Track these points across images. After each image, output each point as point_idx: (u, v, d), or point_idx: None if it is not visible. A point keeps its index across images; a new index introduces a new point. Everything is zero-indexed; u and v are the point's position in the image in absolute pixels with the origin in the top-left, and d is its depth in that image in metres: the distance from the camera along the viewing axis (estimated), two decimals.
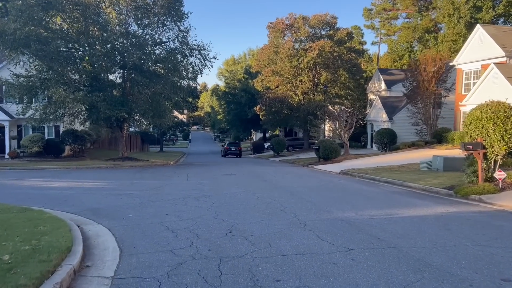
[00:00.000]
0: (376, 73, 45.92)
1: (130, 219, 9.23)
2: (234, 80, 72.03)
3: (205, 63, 28.61)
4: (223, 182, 16.88)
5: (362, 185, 15.80)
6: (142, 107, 27.51)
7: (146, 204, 11.33)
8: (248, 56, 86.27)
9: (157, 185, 16.00)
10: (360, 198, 11.83)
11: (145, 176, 19.75)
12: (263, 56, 46.04)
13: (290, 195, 12.59)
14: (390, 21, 74.61)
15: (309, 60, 41.06)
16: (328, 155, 27.57)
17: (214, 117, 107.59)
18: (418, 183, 14.85)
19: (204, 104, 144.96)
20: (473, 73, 29.68)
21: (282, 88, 44.85)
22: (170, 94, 28.15)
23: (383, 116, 39.90)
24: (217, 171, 22.58)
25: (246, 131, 73.98)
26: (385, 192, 13.52)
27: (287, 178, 18.65)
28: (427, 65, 31.64)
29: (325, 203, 10.78)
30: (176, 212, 9.91)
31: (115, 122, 28.10)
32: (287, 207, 10.25)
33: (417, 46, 66.21)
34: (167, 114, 29.65)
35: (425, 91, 31.80)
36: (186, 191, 14.05)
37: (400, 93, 42.55)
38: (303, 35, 43.72)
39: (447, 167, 17.97)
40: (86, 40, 26.29)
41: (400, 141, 35.36)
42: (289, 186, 15.10)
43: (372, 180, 17.65)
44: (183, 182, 17.00)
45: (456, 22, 53.29)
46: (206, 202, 11.39)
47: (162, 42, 28.50)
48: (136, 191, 14.29)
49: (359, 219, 8.59)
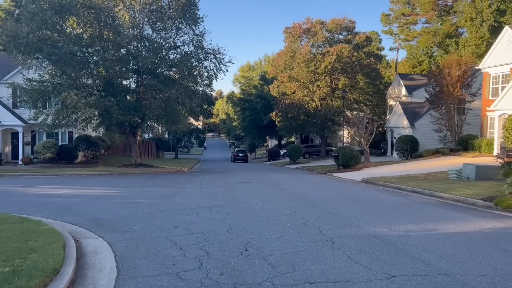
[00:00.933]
0: (396, 78, 44.54)
1: (135, 232, 8.30)
2: (250, 86, 71.36)
3: (220, 67, 27.81)
4: (237, 190, 15.89)
5: (389, 195, 14.61)
6: (156, 112, 26.78)
7: (154, 215, 10.41)
8: (264, 63, 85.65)
9: (168, 193, 15.10)
10: (389, 210, 10.68)
11: (157, 184, 18.89)
12: (279, 61, 45.14)
13: (311, 205, 11.52)
14: (409, 26, 73.00)
15: (326, 65, 39.98)
16: (348, 162, 26.37)
17: (229, 124, 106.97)
18: (450, 193, 13.61)
19: (219, 111, 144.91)
20: (501, 77, 28.19)
21: (299, 94, 43.80)
22: (184, 99, 27.37)
23: (404, 123, 38.48)
24: (231, 179, 21.62)
25: (261, 138, 73.01)
26: (416, 203, 12.33)
27: (306, 186, 17.57)
28: (452, 69, 30.24)
29: (352, 216, 9.69)
30: (186, 224, 8.95)
31: (128, 127, 27.43)
32: (309, 220, 9.19)
33: (437, 52, 64.51)
34: (181, 120, 28.86)
35: (450, 96, 30.38)
36: (198, 200, 13.10)
37: (422, 98, 41.11)
38: (320, 39, 42.70)
39: (479, 176, 16.65)
40: (100, 44, 25.76)
41: (422, 148, 33.95)
42: (309, 195, 14.03)
43: (398, 190, 16.44)
44: (196, 190, 16.07)
45: (478, 26, 51.65)
46: (220, 213, 10.41)
47: (176, 46, 27.83)
48: (146, 199, 13.41)
49: (394, 235, 7.48)
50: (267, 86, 60.16)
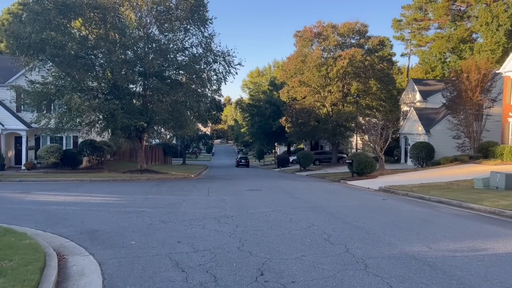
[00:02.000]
0: (410, 84, 43.23)
1: (132, 248, 7.19)
2: (259, 92, 70.38)
3: (229, 70, 26.78)
4: (247, 199, 14.74)
5: (413, 205, 13.37)
6: (162, 117, 25.78)
7: (156, 226, 9.31)
8: (273, 68, 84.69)
9: (173, 201, 14.00)
10: (420, 224, 9.46)
11: (162, 191, 17.81)
12: (290, 65, 44.07)
13: (331, 217, 10.34)
14: (421, 31, 71.65)
15: (338, 69, 38.83)
16: (363, 169, 25.11)
17: (237, 130, 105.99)
18: (483, 204, 12.34)
19: (227, 118, 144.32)
20: None
21: (310, 99, 42.66)
22: (192, 103, 26.36)
23: (418, 129, 37.13)
24: (240, 186, 20.48)
25: (270, 144, 71.82)
26: (447, 215, 11.09)
27: (321, 195, 16.36)
28: (471, 73, 28.91)
29: (380, 231, 8.49)
30: (190, 239, 7.83)
31: (134, 132, 26.45)
32: (332, 235, 8.01)
33: (450, 57, 63.06)
34: (189, 125, 27.82)
35: (468, 101, 29.03)
36: (205, 209, 11.98)
37: (437, 104, 39.77)
38: (332, 43, 41.60)
39: (510, 185, 15.34)
40: (105, 45, 24.89)
41: (438, 156, 32.60)
42: (326, 205, 12.83)
43: (421, 199, 15.19)
44: (203, 198, 14.95)
45: (494, 30, 50.24)
46: (229, 225, 9.28)
47: (184, 48, 26.87)
48: (149, 208, 12.32)
49: (438, 257, 6.28)
50: (276, 91, 59.13)
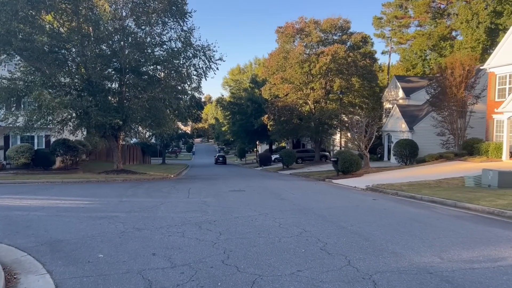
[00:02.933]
0: (392, 80, 42.95)
1: (98, 263, 6.15)
2: (240, 89, 69.36)
3: (210, 65, 25.66)
4: (231, 200, 13.77)
5: (407, 206, 12.64)
6: (139, 114, 24.54)
7: (129, 235, 8.27)
8: (254, 65, 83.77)
9: (150, 204, 12.92)
10: (421, 228, 8.67)
11: (138, 193, 16.67)
12: (272, 62, 43.18)
13: (323, 221, 9.47)
14: (401, 29, 71.86)
15: (321, 66, 38.14)
16: (348, 168, 24.44)
17: (218, 129, 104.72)
18: (480, 203, 11.69)
19: (208, 116, 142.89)
20: (509, 77, 26.59)
21: (292, 96, 41.88)
22: (171, 99, 25.17)
23: (402, 126, 36.80)
24: (223, 186, 19.49)
25: (252, 142, 70.93)
26: (445, 216, 10.37)
27: (308, 195, 15.52)
28: (455, 69, 28.59)
29: (380, 237, 7.66)
30: (167, 250, 6.84)
31: (109, 130, 25.13)
32: (328, 243, 7.13)
33: (430, 55, 63.31)
34: (168, 122, 26.59)
35: (453, 98, 28.70)
36: (185, 213, 10.97)
37: (420, 101, 39.54)
38: (314, 39, 40.88)
39: (503, 184, 14.80)
40: (78, 39, 23.50)
41: (422, 153, 32.29)
42: (315, 207, 11.97)
43: (412, 199, 14.50)
44: (182, 201, 13.91)
45: (474, 28, 50.45)
46: (211, 232, 8.31)
47: (162, 42, 25.64)
48: (123, 213, 11.23)
49: (455, 269, 5.45)
50: (258, 89, 58.23)
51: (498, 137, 27.25)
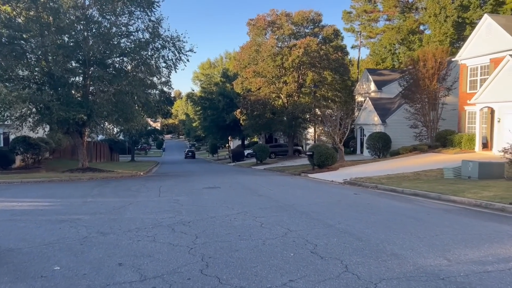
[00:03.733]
0: (364, 74, 42.90)
1: (53, 278, 5.20)
2: (211, 84, 68.01)
3: (180, 57, 24.52)
4: (206, 199, 12.89)
5: (390, 199, 12.12)
6: (105, 108, 23.17)
7: (92, 240, 7.31)
8: (225, 60, 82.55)
9: (117, 204, 11.89)
10: (413, 224, 8.09)
11: (105, 192, 15.53)
12: (243, 55, 42.27)
13: (307, 219, 8.77)
14: (370, 23, 72.41)
15: (294, 59, 37.55)
16: (324, 161, 23.96)
17: (189, 125, 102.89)
18: (465, 196, 11.29)
19: (178, 112, 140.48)
20: (480, 69, 26.75)
21: (265, 90, 41.14)
22: (139, 93, 23.91)
23: (374, 119, 36.76)
24: (196, 183, 18.55)
25: (224, 138, 69.88)
26: (433, 210, 9.86)
27: (287, 191, 14.82)
28: (427, 61, 28.56)
29: (372, 235, 7.00)
30: (136, 259, 5.94)
31: (73, 126, 23.66)
32: (317, 244, 6.41)
33: (399, 49, 63.99)
34: (136, 117, 25.29)
35: (426, 90, 28.68)
36: (156, 214, 10.04)
37: (392, 94, 39.65)
38: (286, 32, 40.22)
39: (483, 175, 14.55)
40: (38, 29, 21.91)
41: (395, 146, 32.31)
42: (296, 203, 11.27)
43: (394, 192, 14.04)
44: (153, 200, 12.92)
45: (442, 21, 51.13)
46: (186, 235, 7.45)
47: (129, 32, 24.30)
48: (87, 215, 10.20)
49: (468, 273, 4.81)
50: (229, 83, 57.19)
51: (470, 128, 27.43)
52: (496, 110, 23.38)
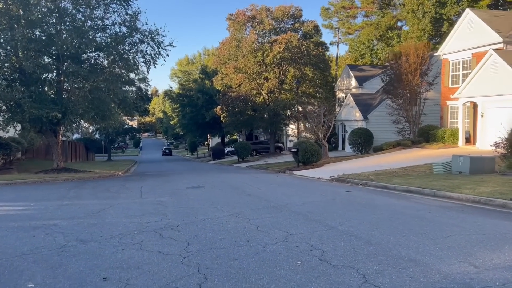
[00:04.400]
0: (345, 70, 42.73)
1: None
2: (189, 81, 66.84)
3: (159, 51, 23.59)
4: (192, 199, 12.18)
5: (384, 197, 11.69)
6: (81, 106, 22.06)
7: (71, 250, 6.55)
8: (204, 56, 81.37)
9: (97, 207, 11.06)
10: (418, 223, 7.61)
11: (82, 194, 14.61)
12: (223, 51, 41.45)
13: (306, 220, 8.19)
14: (349, 19, 72.58)
15: (275, 55, 36.99)
16: (309, 158, 23.49)
17: (166, 123, 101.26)
18: (462, 192, 10.93)
19: (155, 110, 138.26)
20: (462, 63, 26.79)
21: (246, 87, 40.45)
22: (116, 89, 22.87)
23: (356, 115, 36.61)
24: (179, 183, 17.78)
25: (203, 135, 68.83)
26: (433, 208, 9.44)
27: (276, 189, 14.23)
28: (410, 55, 28.44)
29: (382, 238, 6.48)
30: (123, 272, 5.24)
31: (46, 124, 22.47)
32: (324, 250, 5.83)
33: (377, 45, 64.28)
34: (113, 115, 24.22)
35: (408, 85, 28.58)
36: (140, 217, 9.29)
37: (373, 90, 39.62)
38: (267, 27, 39.62)
39: (474, 170, 14.31)
40: (7, 22, 20.64)
41: (377, 141, 32.24)
42: (289, 203, 10.70)
43: (385, 189, 13.64)
44: (135, 202, 12.13)
45: (420, 17, 51.50)
46: (176, 242, 6.77)
47: (105, 26, 23.19)
48: (64, 219, 9.37)
49: (505, 283, 4.30)
50: (208, 80, 56.30)
51: (453, 123, 27.48)
52: (479, 104, 23.40)
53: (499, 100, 21.85)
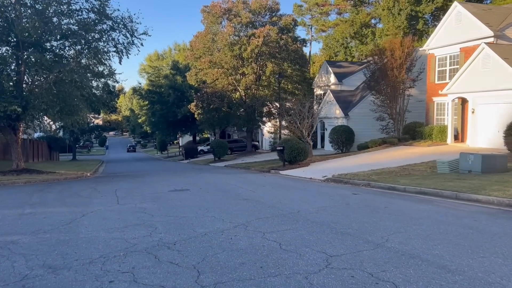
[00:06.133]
0: (323, 66, 41.61)
1: None
2: (159, 77, 64.21)
3: (132, 40, 21.51)
4: (180, 206, 10.40)
5: (402, 200, 10.31)
6: (44, 99, 19.70)
7: (36, 284, 4.76)
8: (174, 51, 78.65)
9: (66, 217, 9.15)
10: (480, 238, 6.23)
11: (47, 200, 12.52)
12: (198, 44, 39.42)
13: (336, 234, 6.63)
14: (322, 17, 71.90)
15: (253, 49, 35.37)
16: (296, 157, 22.07)
17: (134, 121, 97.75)
18: (491, 194, 9.71)
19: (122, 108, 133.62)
20: (449, 58, 26.05)
21: (222, 82, 38.61)
22: (83, 82, 20.60)
23: (336, 112, 35.52)
24: (158, 185, 15.89)
25: (174, 134, 66.42)
26: (474, 214, 8.11)
27: (273, 193, 12.62)
28: (395, 50, 27.49)
29: (455, 260, 5.02)
30: None
31: (4, 120, 20.00)
32: (397, 284, 4.29)
33: (351, 42, 63.79)
34: (81, 109, 21.92)
35: (393, 80, 27.62)
36: (123, 230, 7.50)
37: (352, 86, 38.70)
38: (244, 20, 37.90)
39: (486, 168, 13.21)
40: None
41: (359, 139, 31.29)
42: (301, 209, 9.12)
43: (394, 191, 12.31)
44: (112, 209, 10.24)
45: (396, 15, 51.16)
46: (181, 269, 5.07)
47: (71, 11, 20.85)
48: (25, 235, 7.49)
49: None
50: (180, 75, 54.04)
51: (439, 120, 26.75)
52: (469, 100, 22.65)
53: (491, 95, 21.12)
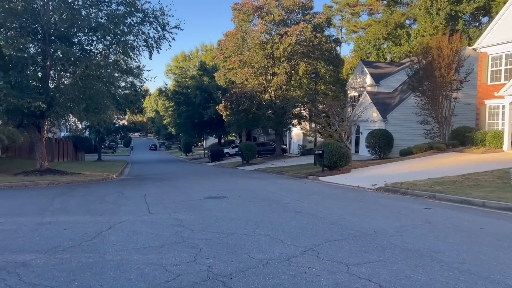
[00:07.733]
0: (358, 66, 39.60)
1: None
2: (186, 77, 63.20)
3: (163, 34, 20.13)
4: (221, 218, 8.79)
5: (490, 218, 8.47)
6: (70, 95, 18.53)
7: None
8: (201, 52, 77.71)
9: (90, 229, 7.67)
10: None
11: (70, 205, 11.13)
12: (228, 43, 38.02)
13: (451, 271, 4.90)
14: (353, 17, 69.79)
15: (285, 47, 33.69)
16: (337, 162, 20.24)
17: (159, 123, 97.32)
18: None
19: (147, 109, 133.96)
20: (505, 57, 23.76)
21: (252, 82, 37.05)
22: (112, 78, 19.37)
23: (373, 115, 33.47)
24: (190, 191, 14.36)
25: (199, 136, 65.25)
26: None
27: (328, 205, 10.88)
28: (443, 49, 25.33)
29: None
30: None
31: (28, 117, 18.93)
32: None
33: (384, 43, 61.37)
34: (108, 107, 20.68)
35: (440, 81, 25.44)
36: (158, 251, 5.94)
37: (390, 88, 36.57)
38: (276, 18, 36.22)
39: None
40: None
41: (397, 144, 29.28)
42: (377, 229, 7.36)
43: (470, 205, 10.42)
44: (143, 220, 8.71)
45: (434, 15, 48.67)
46: None
47: (100, 2, 19.60)
48: (40, 253, 6.03)
49: None
50: (207, 76, 52.84)
51: (491, 124, 24.47)
52: None
53: None
